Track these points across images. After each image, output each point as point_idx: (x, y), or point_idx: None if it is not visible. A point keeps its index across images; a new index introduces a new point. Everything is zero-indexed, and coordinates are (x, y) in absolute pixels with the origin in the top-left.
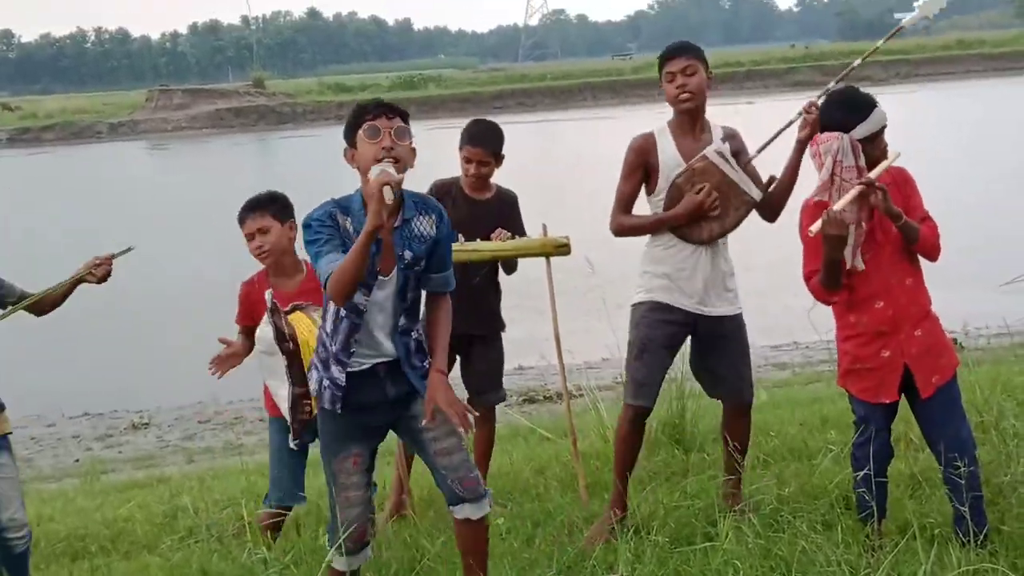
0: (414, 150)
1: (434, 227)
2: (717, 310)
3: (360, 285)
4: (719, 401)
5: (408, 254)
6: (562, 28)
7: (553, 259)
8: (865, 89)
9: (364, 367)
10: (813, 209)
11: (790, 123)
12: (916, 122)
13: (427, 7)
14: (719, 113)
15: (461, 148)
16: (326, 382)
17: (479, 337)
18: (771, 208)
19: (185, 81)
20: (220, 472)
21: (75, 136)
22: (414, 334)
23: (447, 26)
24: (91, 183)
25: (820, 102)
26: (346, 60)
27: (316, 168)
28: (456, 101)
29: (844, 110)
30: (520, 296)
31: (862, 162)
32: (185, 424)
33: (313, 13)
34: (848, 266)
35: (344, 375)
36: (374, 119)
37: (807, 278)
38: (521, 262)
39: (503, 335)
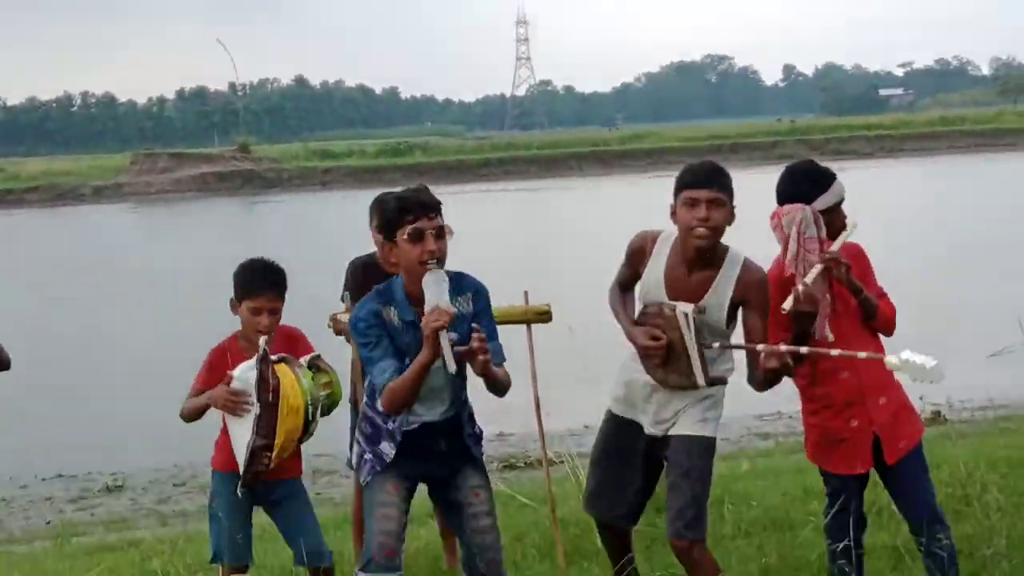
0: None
1: (470, 303)
2: (670, 431)
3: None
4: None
5: (453, 335)
6: (549, 98)
7: (535, 326)
8: (850, 162)
9: (414, 427)
10: (782, 286)
11: (754, 348)
12: (897, 195)
13: (414, 76)
14: None
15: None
16: (369, 455)
17: None
18: (755, 384)
19: (171, 145)
20: (193, 536)
21: (59, 198)
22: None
23: (434, 95)
24: (71, 247)
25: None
26: (332, 127)
27: (301, 235)
28: (442, 168)
29: (807, 182)
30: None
31: (823, 233)
32: (160, 487)
33: (300, 80)
34: (818, 337)
35: (394, 448)
36: (415, 220)
37: None
38: (503, 329)
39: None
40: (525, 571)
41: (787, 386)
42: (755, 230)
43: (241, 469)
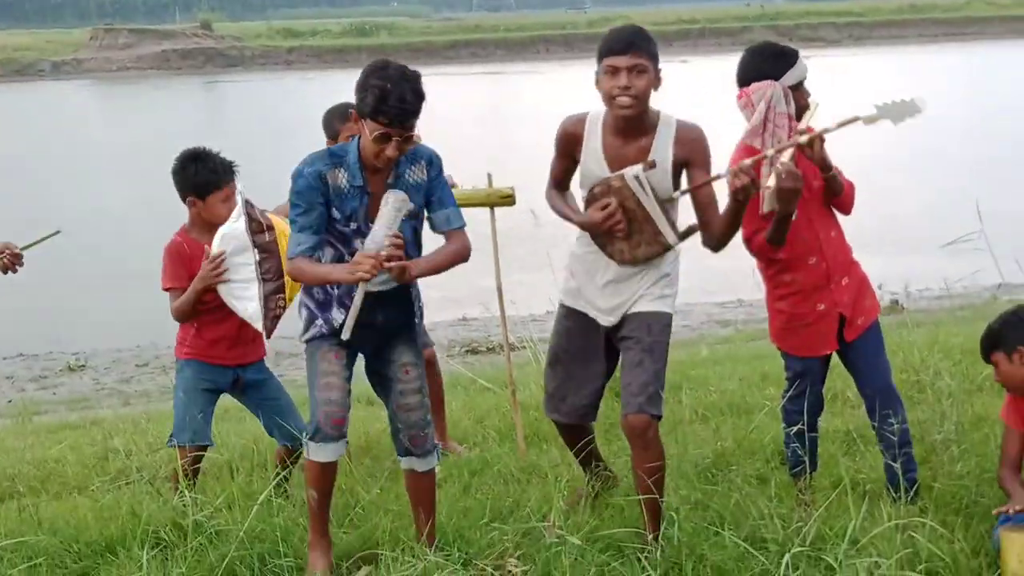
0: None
1: (424, 171)
2: (631, 309)
3: (357, 233)
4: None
5: (391, 242)
6: None
7: (498, 210)
8: (818, 49)
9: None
10: (743, 153)
11: (715, 178)
12: (864, 83)
13: None
14: (672, 71)
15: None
16: (320, 321)
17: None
18: (716, 242)
19: (131, 20)
20: (155, 415)
21: (17, 74)
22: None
23: None
24: (27, 123)
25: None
26: (297, 4)
27: (264, 115)
28: (409, 50)
29: (773, 59)
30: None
31: (792, 110)
32: (122, 367)
33: None
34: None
35: (344, 314)
36: (387, 125)
37: (748, 239)
38: (466, 212)
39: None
40: (486, 452)
41: (748, 274)
42: (723, 116)
43: (262, 320)
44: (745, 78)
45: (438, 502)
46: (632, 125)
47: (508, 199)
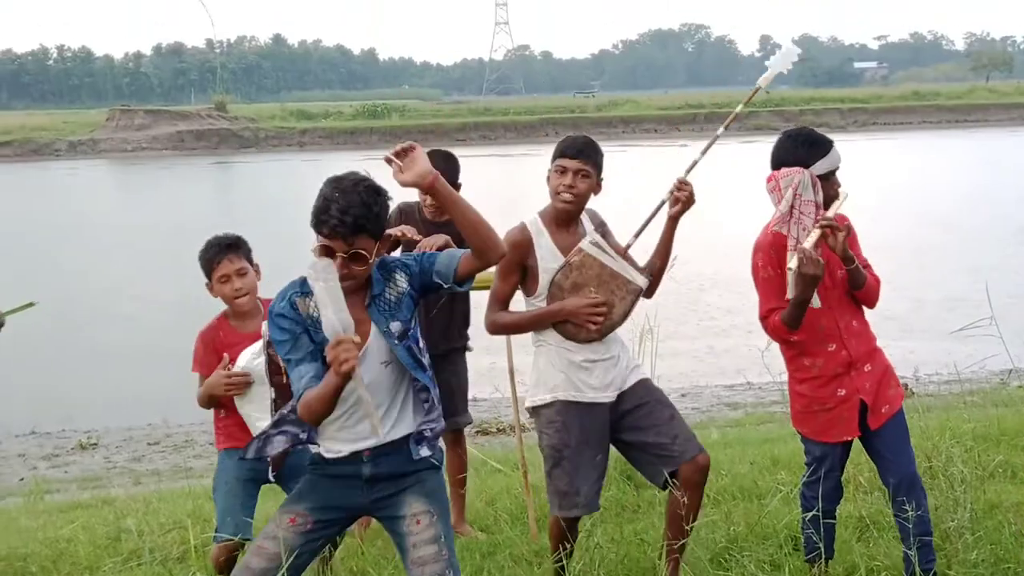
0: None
1: (404, 278)
2: (626, 385)
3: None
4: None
5: (396, 325)
6: (526, 63)
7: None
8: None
9: (338, 454)
10: (773, 240)
11: (662, 203)
12: (869, 169)
13: (393, 38)
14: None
15: None
16: (270, 440)
17: (442, 355)
18: (649, 288)
19: (147, 102)
20: (166, 495)
21: (34, 153)
22: (428, 430)
23: (412, 57)
24: (45, 203)
25: (686, 175)
26: (310, 87)
27: (278, 196)
28: (420, 132)
29: (806, 146)
30: (475, 328)
31: (820, 198)
32: (134, 445)
33: (278, 39)
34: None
35: (290, 446)
36: (329, 238)
37: (764, 317)
38: (476, 295)
39: (468, 357)
40: (497, 535)
41: (756, 358)
42: (733, 197)
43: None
44: (777, 162)
45: None
46: (572, 217)
47: None
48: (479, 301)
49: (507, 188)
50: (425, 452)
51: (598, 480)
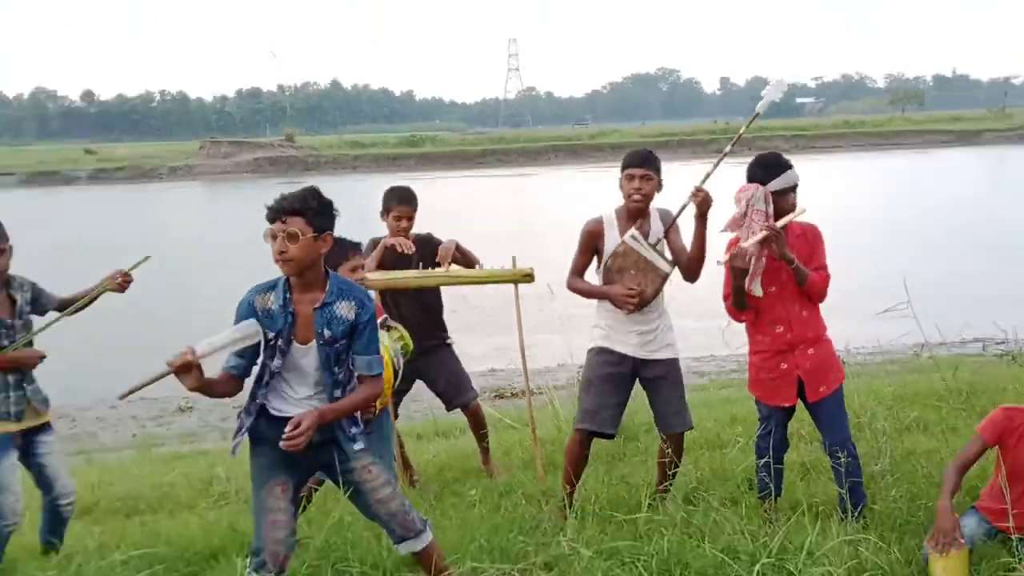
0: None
1: (354, 312)
2: (654, 355)
3: (275, 350)
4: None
5: (327, 332)
6: (533, 101)
7: (521, 285)
8: None
9: (284, 415)
10: (735, 240)
11: (683, 207)
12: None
13: (426, 81)
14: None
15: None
16: (245, 424)
17: (426, 351)
18: (690, 273)
19: (231, 135)
20: (248, 448)
21: (142, 176)
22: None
23: (442, 97)
24: (153, 214)
25: (704, 184)
26: (361, 122)
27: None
28: (447, 157)
29: (763, 168)
30: (494, 313)
31: (771, 210)
32: (223, 409)
33: (335, 84)
34: (747, 290)
35: (252, 421)
36: (271, 222)
37: (724, 298)
38: (495, 288)
39: (454, 347)
40: (511, 479)
41: (718, 335)
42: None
43: None
44: (747, 179)
45: (475, 520)
46: (641, 213)
47: (529, 277)
48: (451, 305)
49: (518, 200)
50: (354, 430)
51: (615, 410)
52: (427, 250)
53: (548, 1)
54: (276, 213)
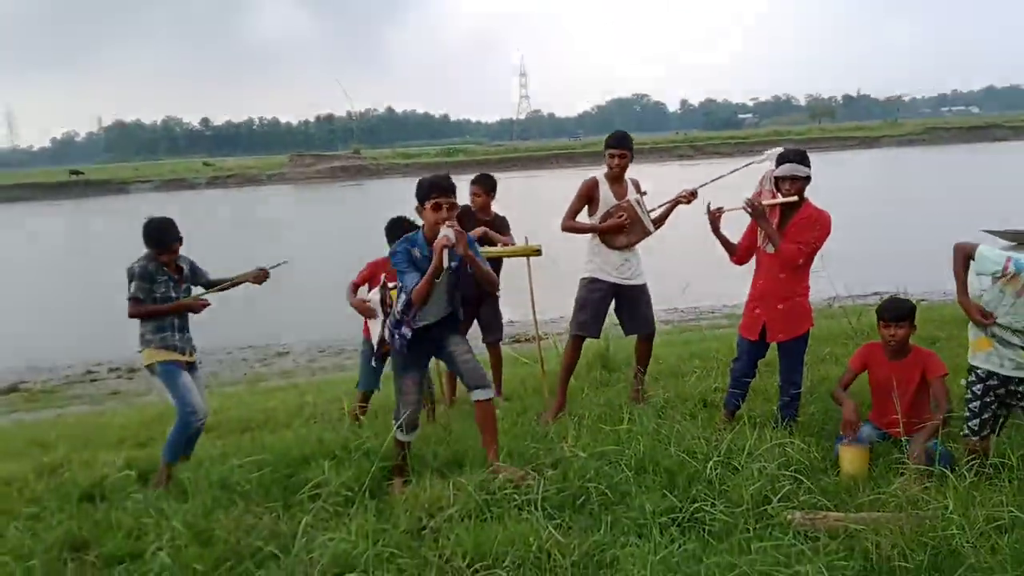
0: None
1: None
2: (630, 282)
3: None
4: (633, 337)
5: (453, 264)
6: (539, 120)
7: (532, 259)
8: (718, 159)
9: (422, 324)
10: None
11: (675, 200)
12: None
13: (458, 106)
14: (635, 171)
15: (472, 185)
16: (398, 336)
17: (486, 295)
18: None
19: (312, 149)
20: (331, 381)
21: (248, 182)
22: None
23: (469, 118)
24: (259, 209)
25: (698, 189)
26: (409, 139)
27: (391, 205)
28: (476, 164)
29: (780, 156)
30: (514, 281)
31: (765, 187)
32: (311, 352)
33: (390, 109)
34: (759, 243)
35: (411, 332)
36: (439, 197)
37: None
38: (512, 260)
39: (499, 297)
40: (524, 399)
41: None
42: (663, 197)
43: (376, 348)
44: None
45: (499, 431)
46: (618, 178)
47: (538, 252)
48: (507, 270)
49: (529, 195)
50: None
51: (600, 322)
52: (501, 224)
53: (551, 44)
54: (446, 192)
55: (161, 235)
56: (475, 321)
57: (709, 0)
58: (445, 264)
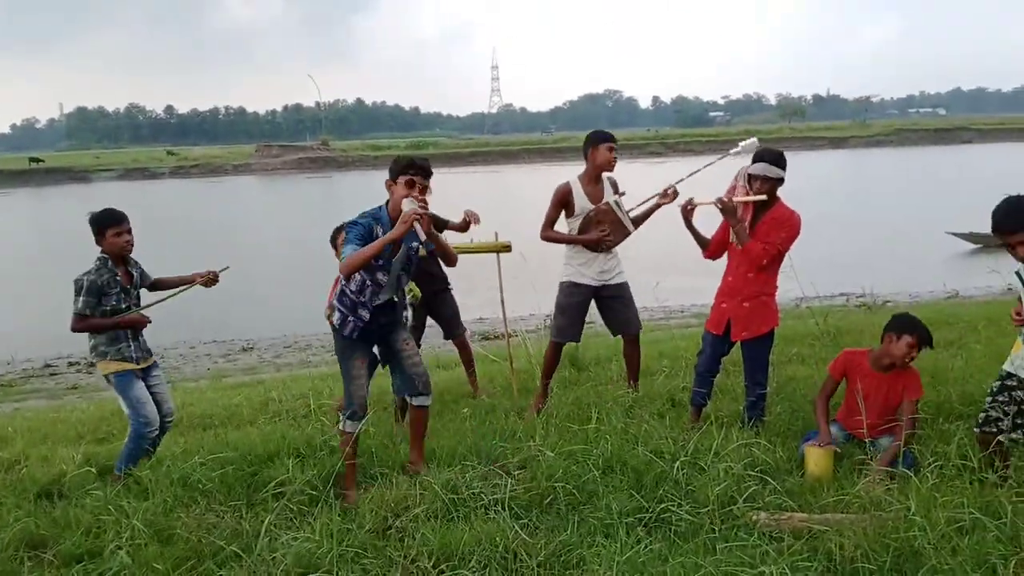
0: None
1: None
2: (610, 281)
3: (382, 265)
4: (618, 337)
5: (413, 245)
6: (510, 114)
7: (502, 256)
8: (690, 156)
9: (377, 303)
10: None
11: (654, 196)
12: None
13: (429, 98)
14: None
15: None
16: (353, 319)
17: (438, 292)
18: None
19: (279, 140)
20: (296, 378)
21: (211, 172)
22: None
23: (440, 111)
24: (222, 200)
25: (676, 185)
26: (379, 130)
27: (361, 196)
28: (445, 157)
29: (756, 155)
30: (483, 278)
31: (740, 183)
32: (276, 348)
33: (360, 101)
34: (737, 246)
35: (369, 314)
36: (415, 174)
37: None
38: (482, 256)
39: (452, 292)
40: (493, 400)
41: (649, 290)
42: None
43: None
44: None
45: (466, 430)
46: (596, 180)
47: (507, 248)
48: (476, 267)
49: (499, 190)
50: (405, 314)
51: (579, 327)
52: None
53: (524, 38)
54: (420, 171)
55: (103, 217)
56: (433, 321)
57: None
58: (405, 239)
